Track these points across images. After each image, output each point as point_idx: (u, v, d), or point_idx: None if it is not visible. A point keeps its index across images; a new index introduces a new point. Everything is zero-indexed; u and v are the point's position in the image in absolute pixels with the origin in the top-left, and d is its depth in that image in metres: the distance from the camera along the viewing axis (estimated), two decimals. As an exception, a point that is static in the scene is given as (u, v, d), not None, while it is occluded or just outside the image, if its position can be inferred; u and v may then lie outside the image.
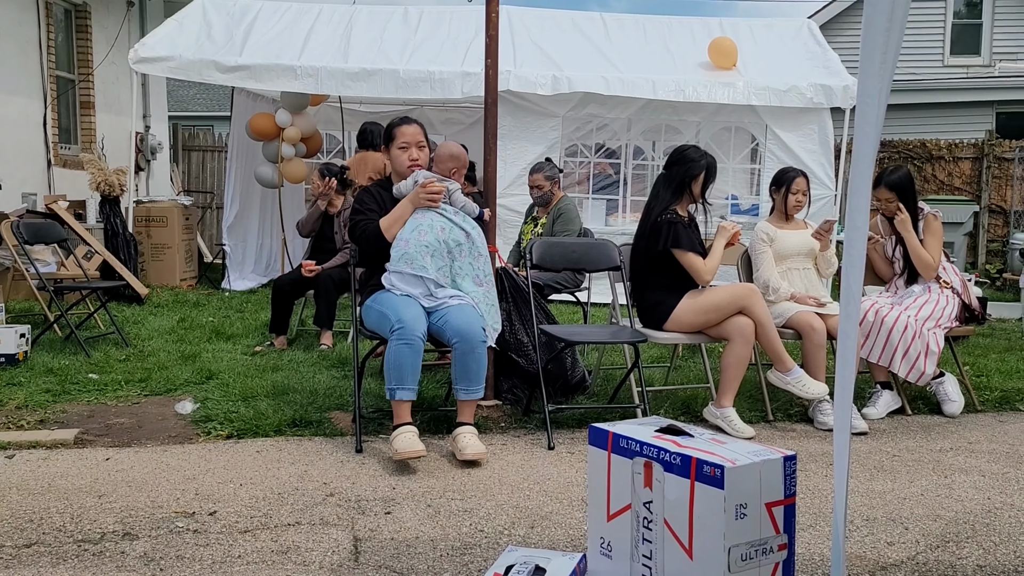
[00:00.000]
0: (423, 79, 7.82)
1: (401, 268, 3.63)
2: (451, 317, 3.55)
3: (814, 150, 8.32)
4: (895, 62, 2.01)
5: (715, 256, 4.19)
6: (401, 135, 3.84)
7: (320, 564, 2.55)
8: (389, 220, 3.73)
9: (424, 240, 3.65)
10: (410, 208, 3.71)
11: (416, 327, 3.46)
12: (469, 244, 3.74)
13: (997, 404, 4.77)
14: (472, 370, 3.56)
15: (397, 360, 3.46)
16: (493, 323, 3.73)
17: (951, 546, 2.79)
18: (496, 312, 3.79)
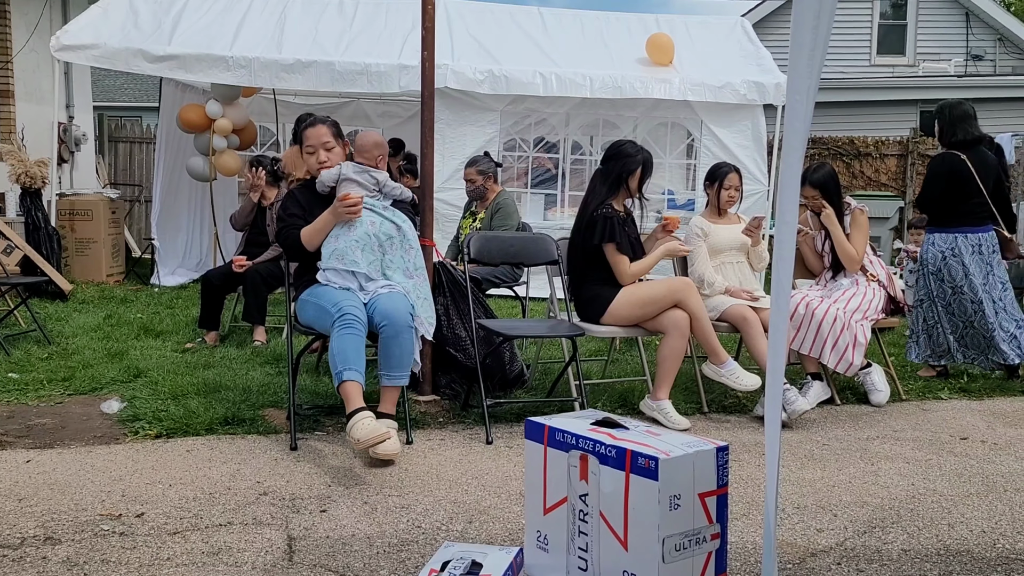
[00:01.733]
0: (359, 72, 7.72)
1: (333, 264, 3.60)
2: (380, 303, 3.53)
3: (747, 146, 8.47)
4: (823, 59, 2.05)
5: (644, 264, 4.21)
6: (306, 139, 3.82)
7: (253, 564, 2.49)
8: (311, 232, 3.68)
9: (354, 235, 3.62)
10: (332, 221, 3.65)
11: (358, 314, 3.44)
12: (400, 237, 3.72)
13: (920, 393, 4.93)
14: (395, 355, 3.52)
15: (341, 345, 3.39)
16: (427, 317, 3.71)
17: (877, 531, 2.87)
18: (430, 306, 3.76)
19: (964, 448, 3.89)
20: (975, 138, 5.14)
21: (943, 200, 5.10)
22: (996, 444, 3.96)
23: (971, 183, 5.05)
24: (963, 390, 5.00)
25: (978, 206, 5.08)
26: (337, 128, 3.84)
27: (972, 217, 5.09)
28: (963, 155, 5.09)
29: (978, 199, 5.08)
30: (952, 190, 5.07)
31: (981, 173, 5.06)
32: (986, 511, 3.08)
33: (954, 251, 5.10)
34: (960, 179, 5.05)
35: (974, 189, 5.06)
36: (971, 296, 5.05)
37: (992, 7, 15.21)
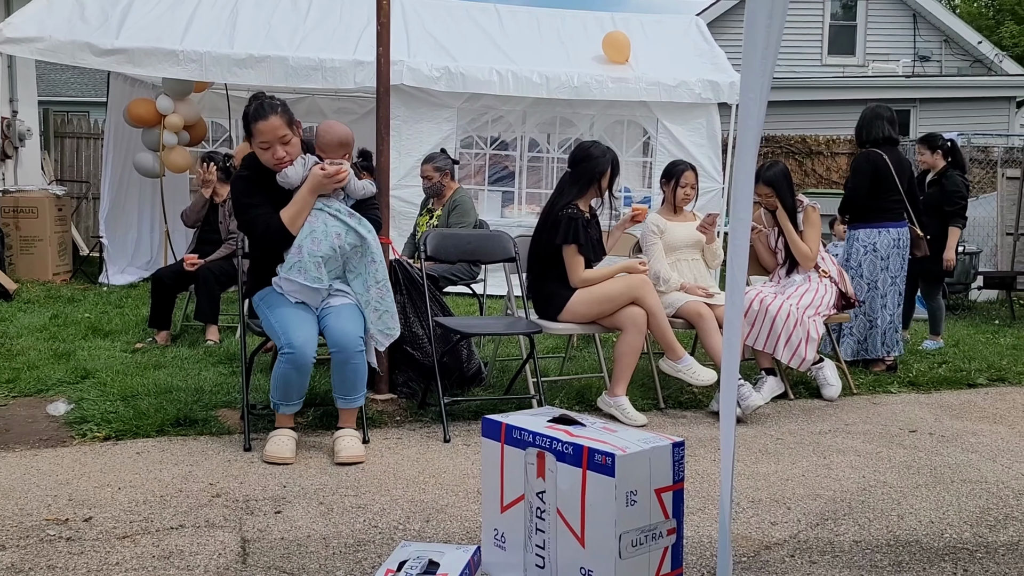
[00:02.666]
0: (314, 67, 7.64)
1: (293, 277, 3.41)
2: (330, 323, 3.42)
3: (703, 144, 8.56)
4: (775, 58, 2.07)
5: (598, 275, 4.21)
6: (258, 134, 3.41)
7: (206, 568, 2.45)
8: (291, 213, 3.41)
9: (319, 250, 3.42)
10: (312, 197, 3.43)
11: (307, 351, 3.33)
12: (364, 248, 3.53)
13: (871, 387, 5.02)
14: (349, 380, 3.46)
15: (285, 381, 3.39)
16: (386, 328, 3.58)
17: (829, 523, 2.91)
18: (391, 318, 3.60)
19: (913, 440, 3.97)
20: (886, 138, 5.35)
21: (867, 195, 5.31)
22: (943, 436, 4.06)
23: (890, 180, 5.28)
24: (912, 384, 5.11)
25: (896, 203, 5.34)
26: (289, 115, 3.47)
27: (892, 213, 5.33)
28: (883, 152, 5.31)
29: (896, 196, 5.32)
30: (874, 186, 5.29)
31: (898, 171, 5.29)
32: (934, 502, 3.14)
33: (875, 246, 5.32)
34: (880, 175, 5.27)
35: (892, 186, 5.29)
36: (881, 291, 5.32)
37: (939, 9, 15.58)
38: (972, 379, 5.25)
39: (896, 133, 5.45)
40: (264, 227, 3.42)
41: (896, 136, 5.46)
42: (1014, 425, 4.30)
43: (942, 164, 6.29)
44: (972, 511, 3.06)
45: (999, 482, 3.39)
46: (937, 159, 6.29)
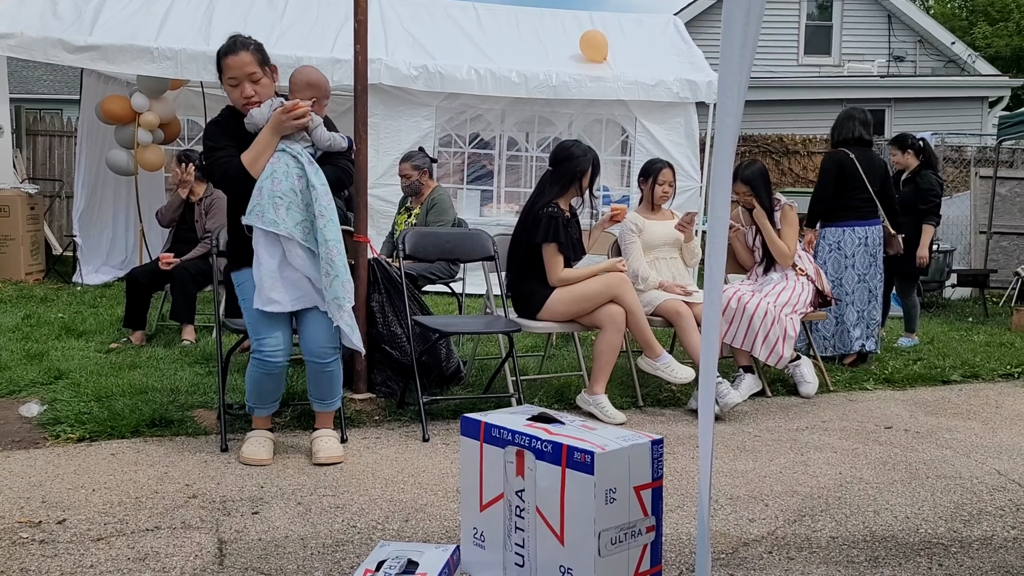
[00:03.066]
0: (291, 65, 7.48)
1: (252, 222, 3.22)
2: (304, 331, 3.34)
3: (681, 143, 8.59)
4: (752, 56, 2.07)
5: (577, 274, 4.20)
6: (227, 69, 3.25)
7: (182, 570, 2.42)
8: (251, 155, 3.22)
9: (278, 190, 3.19)
10: (275, 138, 3.23)
11: (277, 358, 3.31)
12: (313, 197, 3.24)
13: (847, 384, 5.06)
14: (324, 386, 3.45)
15: (258, 385, 3.39)
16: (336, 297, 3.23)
17: (807, 520, 2.93)
18: (342, 286, 3.24)
19: (888, 437, 4.01)
20: (856, 138, 5.47)
21: (833, 194, 5.44)
22: (918, 432, 4.10)
23: (856, 179, 5.39)
24: (887, 381, 5.16)
25: (863, 201, 5.43)
26: (262, 54, 3.31)
27: (858, 212, 5.43)
28: (851, 153, 5.43)
29: (863, 194, 5.42)
30: (840, 186, 5.41)
31: (867, 171, 5.40)
32: (909, 497, 3.17)
33: (840, 245, 5.46)
34: (846, 174, 5.40)
35: (859, 185, 5.39)
36: (847, 288, 5.43)
37: (913, 10, 15.74)
38: (946, 376, 5.31)
39: (868, 133, 5.54)
40: (223, 168, 3.27)
41: (867, 136, 5.54)
42: (987, 421, 4.35)
43: (915, 163, 6.37)
44: (947, 506, 3.09)
45: (973, 477, 3.43)
46: (909, 158, 6.37)
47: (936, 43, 15.57)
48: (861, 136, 5.49)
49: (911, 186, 6.33)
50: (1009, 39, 21.85)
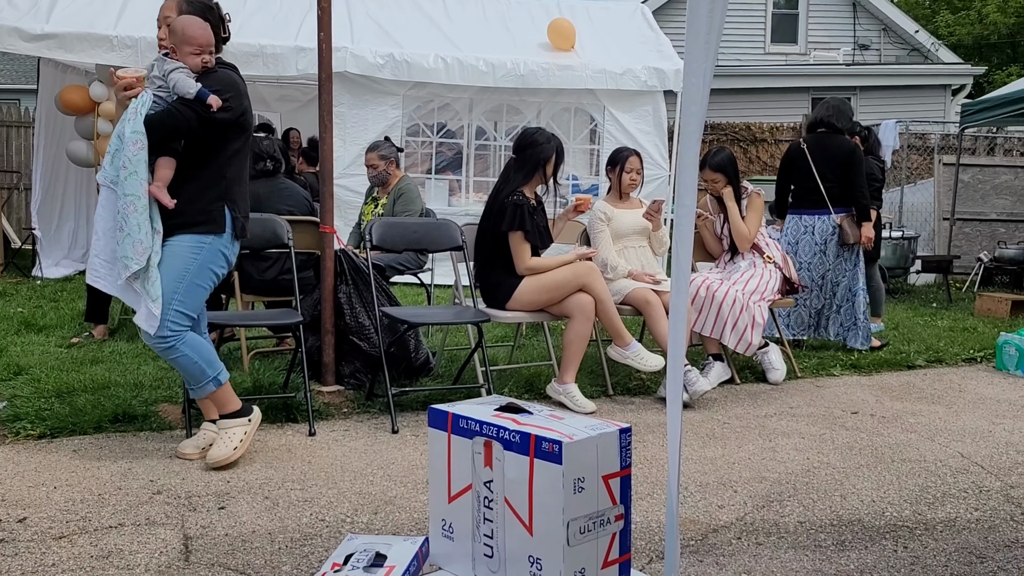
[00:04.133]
0: (254, 54, 7.47)
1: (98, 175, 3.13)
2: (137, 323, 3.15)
3: (649, 131, 8.61)
4: (718, 43, 2.07)
5: (546, 263, 4.19)
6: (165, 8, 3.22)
7: (146, 567, 2.38)
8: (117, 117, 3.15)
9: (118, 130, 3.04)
10: (120, 109, 3.10)
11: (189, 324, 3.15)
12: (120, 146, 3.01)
13: (815, 370, 5.12)
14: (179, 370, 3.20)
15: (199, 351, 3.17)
16: (124, 256, 2.98)
17: (775, 505, 2.95)
18: (131, 246, 2.97)
19: (855, 422, 4.05)
20: (824, 125, 5.50)
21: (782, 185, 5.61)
22: (884, 417, 4.15)
23: (804, 168, 5.42)
24: (854, 366, 5.22)
25: (809, 191, 5.44)
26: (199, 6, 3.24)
27: (804, 201, 5.48)
28: (804, 143, 5.48)
29: (809, 183, 5.42)
30: (787, 176, 5.56)
31: (819, 159, 5.38)
32: (875, 481, 3.21)
33: (788, 232, 5.57)
34: (793, 166, 5.50)
35: (808, 174, 5.41)
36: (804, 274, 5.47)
37: (877, -2, 15.89)
38: (911, 361, 5.38)
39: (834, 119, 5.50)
40: None
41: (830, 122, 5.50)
42: (951, 405, 4.42)
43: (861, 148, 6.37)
44: (912, 489, 3.13)
45: (937, 461, 3.48)
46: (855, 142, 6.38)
47: (900, 31, 15.73)
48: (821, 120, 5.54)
49: None
50: (971, 27, 22.15)
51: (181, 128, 3.05)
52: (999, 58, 22.71)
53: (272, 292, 4.72)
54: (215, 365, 3.21)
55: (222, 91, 3.11)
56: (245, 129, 3.24)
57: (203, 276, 3.14)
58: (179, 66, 3.10)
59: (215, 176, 3.15)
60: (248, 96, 3.28)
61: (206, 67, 3.15)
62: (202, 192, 3.13)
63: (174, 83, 3.06)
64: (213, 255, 3.15)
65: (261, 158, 4.84)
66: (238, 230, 3.23)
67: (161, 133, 3.03)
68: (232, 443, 3.20)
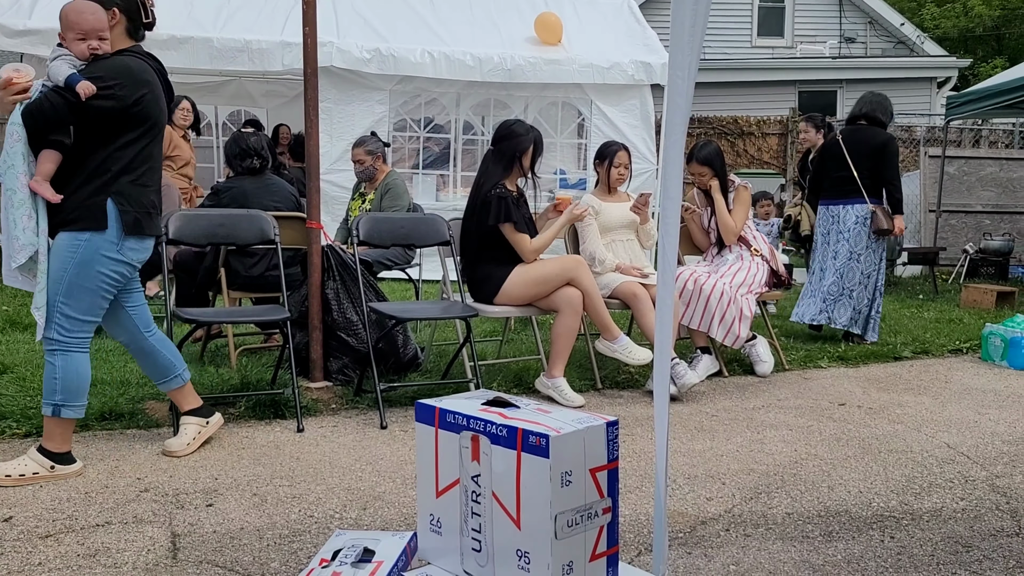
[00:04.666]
0: (240, 49, 7.43)
1: None
2: None
3: (636, 125, 8.61)
4: (703, 36, 2.07)
5: (545, 239, 4.22)
6: None
7: (134, 565, 2.37)
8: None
9: None
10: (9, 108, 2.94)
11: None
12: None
13: (802, 363, 5.13)
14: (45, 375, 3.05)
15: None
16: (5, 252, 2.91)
17: (763, 497, 2.96)
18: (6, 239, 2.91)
19: (842, 413, 4.07)
20: (862, 116, 5.68)
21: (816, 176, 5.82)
22: (871, 409, 4.17)
23: (837, 157, 5.54)
24: (841, 358, 5.24)
25: (840, 180, 5.54)
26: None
27: (836, 191, 5.58)
28: (840, 135, 5.62)
29: (841, 173, 5.53)
30: (820, 164, 5.74)
31: (852, 150, 5.51)
32: (862, 472, 3.23)
33: (819, 221, 5.74)
34: (826, 154, 5.69)
35: (839, 162, 5.53)
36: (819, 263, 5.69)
37: (863, -9, 15.94)
38: (898, 352, 5.41)
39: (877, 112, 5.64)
40: None
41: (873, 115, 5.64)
42: (937, 396, 4.45)
43: (821, 142, 6.49)
44: (898, 480, 3.15)
45: (924, 451, 3.50)
46: (819, 138, 6.50)
47: (886, 24, 15.79)
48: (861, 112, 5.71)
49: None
50: (956, 20, 22.24)
51: (50, 117, 2.86)
52: (984, 51, 22.82)
53: (259, 288, 4.70)
54: (77, 397, 3.03)
55: (104, 78, 2.90)
56: (142, 120, 3.01)
57: (86, 277, 2.94)
58: (61, 53, 2.95)
59: (99, 169, 2.95)
60: (155, 85, 3.07)
61: (95, 53, 2.96)
62: (82, 186, 2.95)
63: (48, 70, 2.92)
64: (92, 254, 2.94)
65: (248, 154, 4.82)
66: (130, 226, 2.99)
67: (33, 123, 2.86)
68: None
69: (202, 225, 3.98)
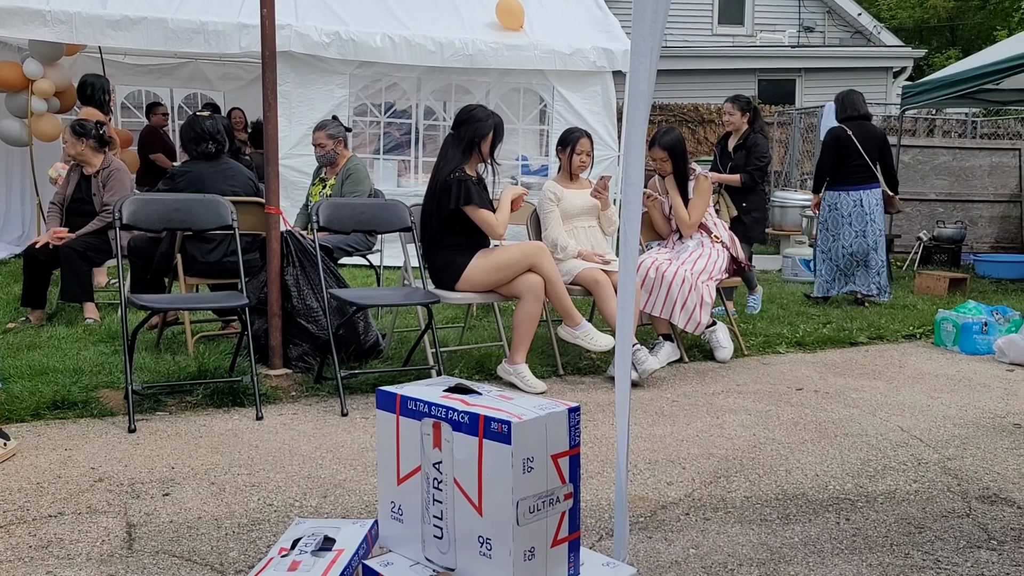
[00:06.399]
0: (195, 30, 7.27)
1: None
2: None
3: (598, 112, 8.61)
4: (664, 21, 2.07)
5: (503, 210, 4.22)
6: None
7: (88, 556, 2.33)
8: None
9: None
10: None
11: None
12: None
13: (761, 348, 5.20)
14: None
15: None
16: None
17: (722, 481, 3.00)
18: None
19: (799, 398, 4.13)
20: (861, 115, 6.53)
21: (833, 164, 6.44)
22: (827, 393, 4.23)
23: (851, 149, 6.34)
24: (799, 344, 5.31)
25: (858, 168, 6.38)
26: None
27: (852, 177, 6.41)
28: (848, 127, 6.39)
29: (858, 162, 6.36)
30: (837, 156, 6.40)
31: (863, 142, 6.35)
32: (819, 456, 3.28)
33: (836, 206, 6.49)
34: (841, 146, 6.37)
35: (855, 153, 6.34)
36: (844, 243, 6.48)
37: (821, -19, 16.08)
38: (854, 338, 5.50)
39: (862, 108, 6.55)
40: None
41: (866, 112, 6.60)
42: (892, 380, 4.53)
43: (746, 127, 6.25)
44: (854, 463, 3.20)
45: (878, 435, 3.56)
46: (744, 121, 6.24)
47: (843, 14, 15.95)
48: (864, 113, 6.53)
49: (743, 151, 6.19)
50: (912, 11, 22.58)
51: None
52: (938, 41, 23.22)
53: (216, 275, 4.62)
54: None
55: None
56: None
57: None
58: None
59: None
60: None
61: None
62: None
63: None
64: None
65: (203, 139, 4.73)
66: None
67: None
68: None
69: (157, 210, 3.91)
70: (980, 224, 10.53)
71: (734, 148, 6.30)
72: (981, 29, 22.66)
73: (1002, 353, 5.01)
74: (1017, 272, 8.68)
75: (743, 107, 6.30)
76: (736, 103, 6.37)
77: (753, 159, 6.13)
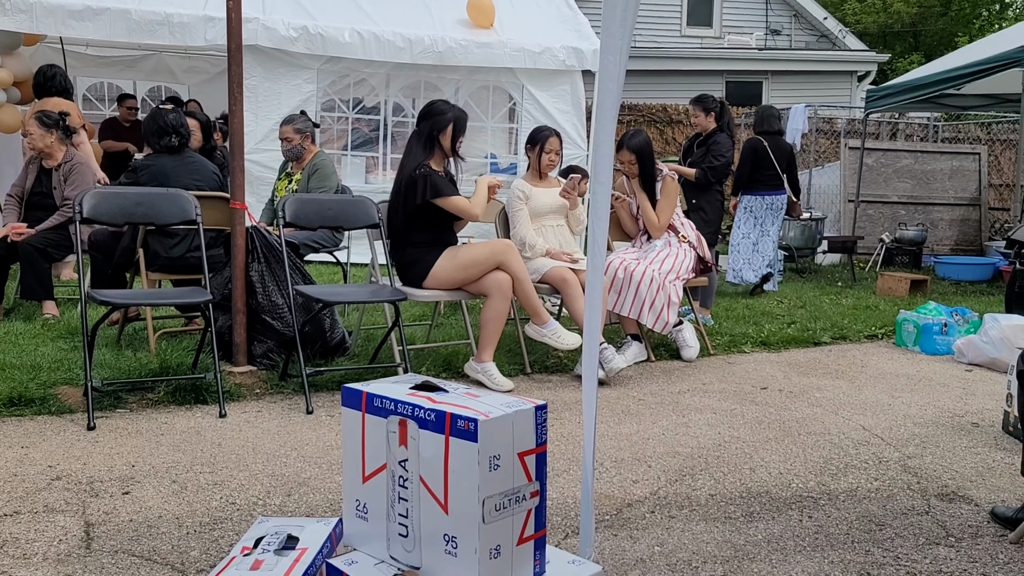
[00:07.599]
0: (160, 22, 7.16)
1: None
2: None
3: (567, 111, 8.62)
4: (634, 21, 2.07)
5: (480, 195, 4.19)
6: None
7: (44, 556, 2.28)
8: None
9: None
10: None
11: None
12: None
13: (727, 347, 5.24)
14: None
15: None
16: None
17: (687, 479, 3.01)
18: None
19: (764, 397, 4.17)
20: (775, 131, 7.20)
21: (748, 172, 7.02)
22: (792, 392, 4.28)
23: (766, 160, 6.94)
24: (764, 343, 5.37)
25: (771, 176, 6.99)
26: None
27: (766, 184, 7.00)
28: (764, 140, 6.97)
29: (771, 171, 6.97)
30: (754, 164, 6.98)
31: (776, 154, 6.97)
32: (782, 454, 3.31)
33: (751, 208, 7.06)
34: (759, 156, 6.96)
35: (769, 164, 6.95)
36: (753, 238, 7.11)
37: (787, -16, 16.26)
38: (818, 338, 5.57)
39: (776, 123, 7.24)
40: None
41: (780, 127, 7.33)
42: (854, 380, 4.59)
43: (713, 126, 6.16)
44: (816, 461, 3.24)
45: (840, 433, 3.61)
46: (710, 121, 6.16)
47: (810, 18, 16.14)
48: (777, 129, 7.19)
49: (703, 149, 6.16)
50: (876, 16, 22.92)
51: None
52: (902, 46, 23.60)
53: (180, 270, 4.56)
54: None
55: None
56: None
57: None
58: None
59: None
60: None
61: None
62: None
63: None
64: None
65: (166, 132, 4.65)
66: None
67: None
68: None
69: (119, 204, 3.84)
70: (940, 227, 10.72)
71: (697, 145, 6.28)
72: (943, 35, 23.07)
73: (961, 354, 5.10)
74: (976, 274, 8.85)
75: (707, 107, 6.20)
76: (699, 104, 6.27)
77: (710, 156, 6.02)
